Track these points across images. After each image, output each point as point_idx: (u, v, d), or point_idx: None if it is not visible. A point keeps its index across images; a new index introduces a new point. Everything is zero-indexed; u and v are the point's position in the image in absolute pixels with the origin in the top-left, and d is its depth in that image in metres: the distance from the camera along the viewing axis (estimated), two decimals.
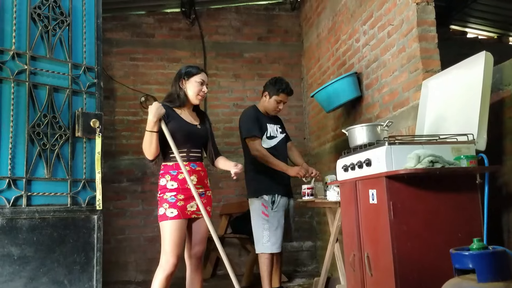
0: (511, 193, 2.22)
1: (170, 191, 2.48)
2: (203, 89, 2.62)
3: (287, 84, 3.45)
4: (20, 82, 2.86)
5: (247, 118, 3.41)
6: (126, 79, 4.98)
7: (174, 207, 2.45)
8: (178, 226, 2.44)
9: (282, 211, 3.33)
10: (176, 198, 2.47)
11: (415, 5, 2.86)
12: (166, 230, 2.44)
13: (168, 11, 5.19)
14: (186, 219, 2.50)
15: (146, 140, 2.45)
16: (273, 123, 3.49)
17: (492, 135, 2.21)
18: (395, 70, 3.14)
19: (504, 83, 2.27)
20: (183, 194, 2.49)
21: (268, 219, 3.25)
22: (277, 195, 3.29)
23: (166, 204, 2.47)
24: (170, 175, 2.51)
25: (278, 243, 3.24)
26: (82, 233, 2.98)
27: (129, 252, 4.73)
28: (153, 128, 2.42)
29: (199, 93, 2.61)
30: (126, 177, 4.84)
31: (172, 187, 2.49)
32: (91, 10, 3.26)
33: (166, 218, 2.44)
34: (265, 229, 3.25)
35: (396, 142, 2.12)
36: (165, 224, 2.45)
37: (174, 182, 2.49)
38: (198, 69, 2.66)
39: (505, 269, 1.61)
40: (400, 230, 2.01)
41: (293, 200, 3.54)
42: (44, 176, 2.89)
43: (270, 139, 3.41)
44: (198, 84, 2.60)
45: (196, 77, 2.61)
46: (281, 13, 5.46)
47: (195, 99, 2.63)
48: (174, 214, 2.44)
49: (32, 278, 2.78)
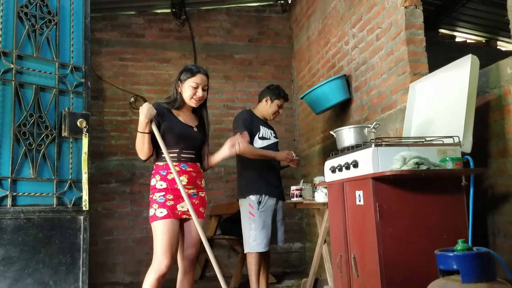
0: (496, 195, 2.24)
1: (159, 191, 2.45)
2: (197, 93, 2.53)
3: (285, 92, 3.60)
4: (6, 81, 2.83)
5: (240, 118, 3.46)
6: (115, 79, 4.95)
7: (163, 207, 2.41)
8: (169, 226, 2.40)
9: (270, 211, 3.34)
10: (165, 198, 2.43)
11: (403, 9, 2.88)
12: (157, 230, 2.40)
13: (159, 12, 5.17)
14: (177, 219, 2.45)
15: (138, 141, 2.42)
16: (267, 127, 3.55)
17: (477, 137, 2.24)
18: (383, 73, 3.16)
19: (490, 87, 2.29)
20: (172, 194, 2.45)
21: (254, 219, 3.27)
22: (264, 196, 3.32)
23: (155, 204, 2.43)
24: (160, 175, 2.48)
25: (264, 243, 3.25)
26: (68, 234, 2.95)
27: (117, 253, 4.70)
28: (145, 129, 2.39)
29: (192, 97, 2.54)
30: (114, 178, 4.80)
31: (161, 187, 2.46)
32: (79, 9, 3.24)
33: (156, 219, 2.40)
34: (251, 228, 3.27)
35: (383, 144, 2.13)
36: (155, 224, 2.41)
37: (163, 182, 2.46)
38: (193, 71, 2.55)
39: (489, 270, 1.63)
40: (386, 231, 2.02)
41: (283, 203, 3.54)
42: (30, 176, 2.86)
43: (262, 140, 3.44)
44: (192, 88, 2.52)
45: (189, 81, 2.52)
46: (272, 15, 5.48)
47: (190, 102, 2.56)
48: (164, 214, 2.40)
49: (17, 279, 2.75)
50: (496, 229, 2.24)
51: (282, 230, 3.51)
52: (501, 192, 2.21)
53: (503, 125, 2.19)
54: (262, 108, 3.54)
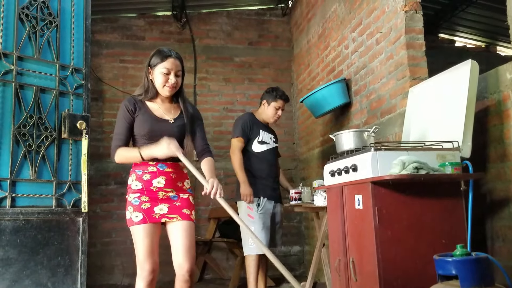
0: (495, 200, 2.25)
1: (134, 192, 2.25)
2: (169, 80, 2.25)
3: (283, 92, 3.59)
4: (6, 82, 2.83)
5: (240, 122, 3.48)
6: (115, 81, 4.95)
7: (138, 210, 2.21)
8: (146, 231, 2.20)
9: (268, 214, 3.36)
10: (140, 200, 2.22)
11: (403, 13, 2.89)
12: (135, 236, 2.22)
13: (159, 14, 5.18)
14: (155, 223, 2.24)
15: (131, 157, 2.24)
16: (267, 131, 3.56)
17: (477, 142, 2.24)
18: (383, 77, 3.17)
19: (489, 92, 2.30)
20: (148, 196, 2.23)
21: (254, 221, 3.29)
22: (262, 198, 3.34)
23: (130, 207, 2.23)
24: (136, 174, 2.27)
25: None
26: (66, 235, 2.95)
27: (115, 255, 4.69)
28: (148, 158, 2.22)
29: (165, 84, 2.26)
30: (113, 180, 4.80)
31: (136, 187, 2.25)
32: (80, 11, 3.25)
33: (132, 223, 2.21)
34: (251, 231, 3.27)
35: (382, 148, 2.13)
36: (132, 229, 2.23)
37: (139, 183, 2.25)
38: (164, 55, 2.26)
39: (487, 276, 1.63)
40: (384, 235, 2.02)
41: (281, 206, 3.55)
42: (29, 178, 2.86)
43: (261, 144, 3.47)
44: (163, 75, 2.24)
45: (160, 67, 2.25)
46: (272, 19, 5.49)
47: (163, 91, 2.28)
48: (139, 219, 2.20)
49: (15, 281, 2.74)
50: (495, 234, 2.24)
51: (280, 233, 3.53)
52: (500, 196, 2.21)
53: (502, 130, 2.20)
54: (261, 111, 3.56)
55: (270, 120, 3.54)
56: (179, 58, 2.32)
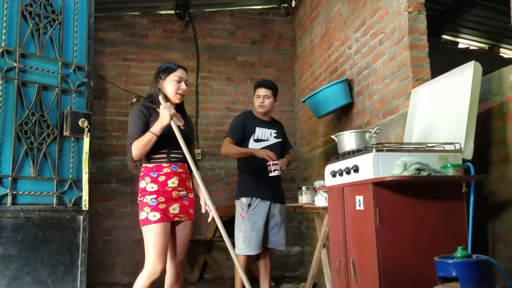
0: (497, 203, 2.24)
1: (150, 194, 2.40)
2: (181, 87, 2.51)
3: (262, 79, 3.61)
4: (9, 79, 2.84)
5: (234, 121, 3.53)
6: (118, 79, 4.96)
7: (156, 210, 2.37)
8: (163, 230, 2.36)
9: (261, 214, 3.31)
10: (157, 200, 2.39)
11: (407, 14, 2.88)
12: (150, 235, 2.35)
13: (162, 13, 5.18)
14: (169, 222, 2.42)
15: (146, 141, 2.36)
16: (266, 127, 3.51)
17: (479, 144, 2.23)
18: (385, 78, 3.16)
19: (492, 93, 2.29)
20: (163, 197, 2.41)
21: (244, 221, 3.29)
22: (255, 199, 3.31)
23: (147, 207, 2.38)
24: (150, 177, 2.44)
25: (252, 246, 3.25)
26: (67, 233, 2.95)
27: (116, 253, 4.69)
28: (160, 132, 2.36)
29: (177, 92, 2.50)
30: (115, 178, 4.80)
31: (152, 189, 2.41)
32: (83, 9, 3.25)
33: (149, 222, 2.35)
34: (241, 231, 3.29)
35: (384, 149, 2.12)
36: (148, 228, 2.36)
37: (154, 185, 2.42)
38: (173, 67, 2.53)
39: (488, 278, 1.62)
40: (385, 236, 2.01)
41: (281, 206, 3.49)
42: (31, 175, 2.87)
43: (257, 142, 3.44)
44: (175, 82, 2.49)
45: (172, 76, 2.49)
46: (275, 18, 5.48)
47: (174, 98, 2.51)
48: (157, 218, 2.36)
49: (15, 278, 2.75)
50: (496, 236, 2.23)
51: (282, 233, 3.45)
52: (502, 199, 2.20)
53: (505, 132, 2.19)
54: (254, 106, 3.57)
55: (258, 110, 3.51)
56: (185, 69, 2.59)
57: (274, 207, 3.42)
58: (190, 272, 4.59)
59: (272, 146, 3.45)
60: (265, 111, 3.50)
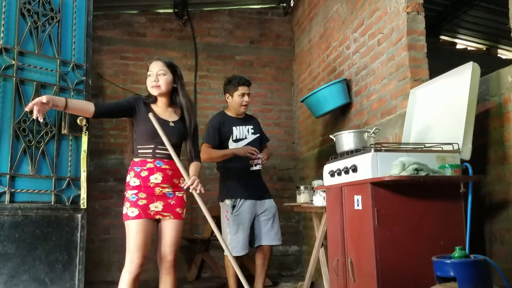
0: (494, 203, 2.25)
1: (132, 189, 2.39)
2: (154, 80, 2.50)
3: (241, 77, 3.47)
4: (7, 77, 2.83)
5: (208, 126, 3.43)
6: (116, 77, 4.95)
7: (134, 206, 2.36)
8: (141, 226, 2.34)
9: (246, 214, 3.29)
10: (137, 196, 2.37)
11: (405, 14, 2.89)
12: (129, 230, 2.36)
13: (161, 11, 5.17)
14: (150, 219, 2.40)
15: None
16: (243, 124, 3.46)
17: (477, 145, 2.24)
18: (383, 78, 3.17)
19: (490, 94, 2.30)
20: (145, 193, 2.38)
21: (229, 223, 3.27)
22: (239, 200, 3.29)
23: (127, 202, 2.38)
24: (134, 171, 2.42)
25: (238, 247, 3.24)
26: (65, 231, 2.95)
27: (113, 252, 4.68)
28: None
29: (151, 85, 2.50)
30: (112, 176, 4.79)
31: (134, 184, 2.39)
32: (82, 7, 3.24)
33: (127, 218, 2.36)
34: (227, 232, 3.27)
35: (382, 149, 2.13)
36: (127, 224, 2.36)
37: (137, 179, 2.40)
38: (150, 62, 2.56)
39: (486, 278, 1.63)
40: (383, 236, 2.02)
41: (269, 201, 3.43)
42: (29, 173, 2.86)
43: (236, 142, 3.40)
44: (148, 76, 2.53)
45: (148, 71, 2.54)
46: (274, 18, 5.48)
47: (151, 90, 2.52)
48: (135, 214, 2.35)
49: (13, 276, 2.74)
50: (493, 236, 2.25)
51: (276, 228, 3.42)
52: (499, 199, 2.22)
53: (503, 132, 2.20)
54: (230, 106, 3.47)
55: (240, 110, 3.42)
56: (160, 60, 2.54)
57: (262, 203, 3.39)
58: (187, 270, 4.59)
59: (251, 143, 3.42)
60: (246, 110, 3.48)
